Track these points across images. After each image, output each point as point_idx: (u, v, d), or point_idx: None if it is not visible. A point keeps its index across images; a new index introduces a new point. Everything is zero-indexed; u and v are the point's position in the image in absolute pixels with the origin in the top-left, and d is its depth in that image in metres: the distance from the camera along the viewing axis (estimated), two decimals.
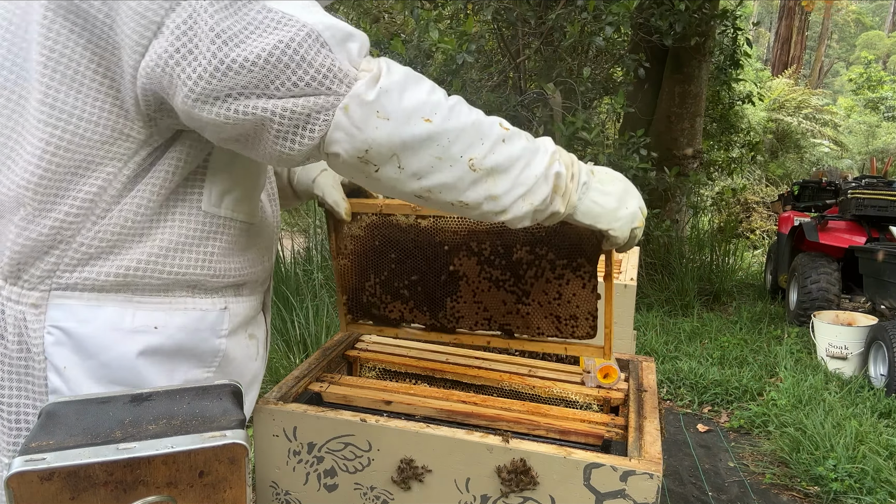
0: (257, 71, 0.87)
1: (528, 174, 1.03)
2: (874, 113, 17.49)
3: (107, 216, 1.00)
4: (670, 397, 4.07)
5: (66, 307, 1.01)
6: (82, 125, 0.96)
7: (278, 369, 3.64)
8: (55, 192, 0.97)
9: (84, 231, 0.99)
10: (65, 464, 0.77)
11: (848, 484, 2.94)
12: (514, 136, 1.03)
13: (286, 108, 0.89)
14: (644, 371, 1.54)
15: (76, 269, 1.00)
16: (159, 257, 1.03)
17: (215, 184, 1.07)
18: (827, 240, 5.37)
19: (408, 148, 0.95)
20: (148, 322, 1.03)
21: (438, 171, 0.98)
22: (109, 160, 0.98)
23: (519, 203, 1.04)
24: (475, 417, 1.30)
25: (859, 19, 31.73)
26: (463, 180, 1.00)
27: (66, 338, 1.01)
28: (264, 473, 1.28)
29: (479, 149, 0.99)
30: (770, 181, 12.41)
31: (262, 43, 0.87)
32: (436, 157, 0.97)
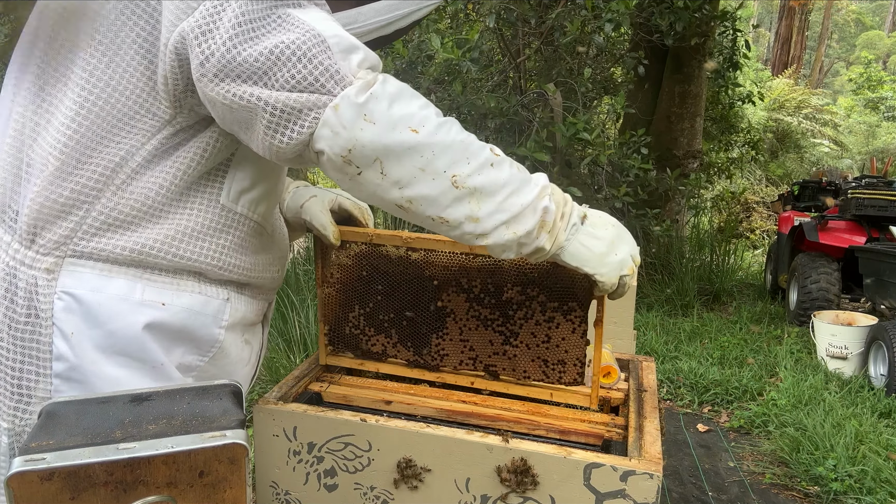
0: (262, 62, 0.93)
1: (514, 202, 1.04)
2: (874, 113, 17.49)
3: (127, 189, 1.03)
4: (670, 397, 4.07)
5: (79, 274, 1.03)
6: (115, 95, 1.01)
7: (278, 369, 3.64)
8: (78, 157, 1.01)
9: (104, 199, 1.03)
10: (65, 464, 0.77)
11: (848, 484, 2.94)
12: (504, 163, 1.05)
13: (279, 101, 0.94)
14: (644, 371, 1.54)
15: (92, 238, 1.03)
16: (173, 240, 1.06)
17: (236, 180, 1.12)
18: (827, 240, 5.37)
19: (391, 154, 0.97)
20: (156, 298, 1.06)
21: (421, 183, 1.00)
22: (133, 134, 1.02)
23: (501, 229, 1.04)
24: (475, 417, 1.30)
25: (859, 19, 31.73)
26: (445, 195, 1.01)
27: (77, 304, 1.03)
28: (264, 473, 1.28)
29: (463, 167, 1.01)
30: (770, 181, 12.41)
31: (272, 40, 0.94)
32: (419, 168, 0.99)
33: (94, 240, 1.03)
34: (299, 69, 0.94)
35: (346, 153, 0.97)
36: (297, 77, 0.94)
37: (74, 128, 1.01)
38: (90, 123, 1.01)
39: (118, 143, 1.02)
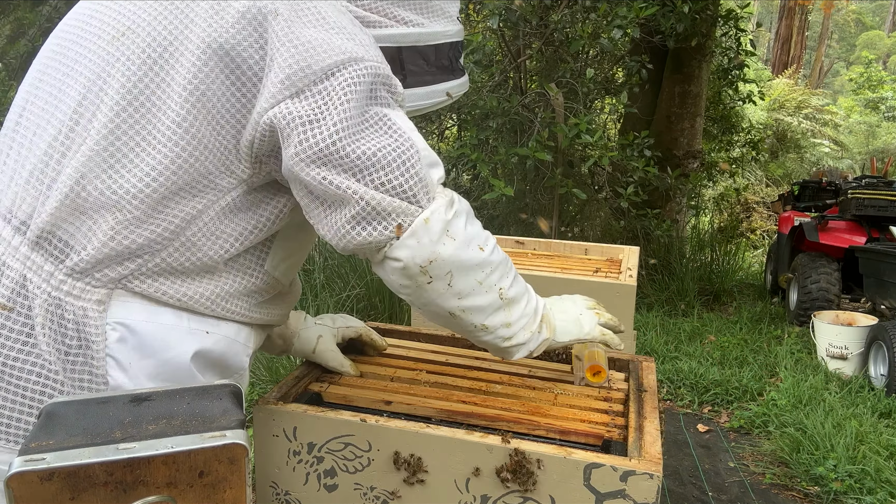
0: (364, 160, 1.00)
1: (530, 306, 1.23)
2: (874, 113, 17.48)
3: (193, 244, 1.06)
4: (670, 397, 4.07)
5: (129, 305, 1.05)
6: (205, 153, 1.04)
7: (278, 369, 3.64)
8: (155, 206, 1.02)
9: (170, 249, 1.05)
10: (65, 464, 0.77)
11: (848, 484, 2.94)
12: (517, 274, 1.21)
13: (372, 198, 1.01)
14: (644, 371, 1.54)
15: (146, 280, 1.06)
16: (218, 297, 1.11)
17: (281, 249, 1.19)
18: (827, 240, 5.37)
19: (462, 268, 1.09)
20: (200, 326, 1.10)
21: (477, 295, 1.12)
22: (211, 189, 1.06)
23: (523, 331, 1.21)
24: (475, 417, 1.30)
25: (859, 19, 31.72)
26: (492, 306, 1.15)
27: (130, 334, 1.04)
28: (264, 473, 1.28)
29: (506, 281, 1.16)
30: (770, 181, 12.41)
31: (376, 142, 1.01)
32: (478, 282, 1.11)
33: (147, 281, 1.06)
34: (396, 175, 1.01)
35: (426, 264, 1.05)
36: (393, 182, 1.01)
37: (160, 178, 1.02)
38: (175, 175, 1.02)
39: (196, 196, 1.05)
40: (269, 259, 1.18)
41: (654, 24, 5.13)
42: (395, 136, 1.03)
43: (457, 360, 1.58)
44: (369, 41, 1.08)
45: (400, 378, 1.47)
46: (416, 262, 1.04)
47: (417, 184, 1.03)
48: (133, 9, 1.07)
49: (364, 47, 1.05)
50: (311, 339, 1.48)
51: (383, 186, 1.01)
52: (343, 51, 1.02)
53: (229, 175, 1.07)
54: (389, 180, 1.01)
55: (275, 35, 1.02)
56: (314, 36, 1.02)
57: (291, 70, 1.00)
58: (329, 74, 1.01)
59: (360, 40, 1.06)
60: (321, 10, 1.05)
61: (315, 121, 1.00)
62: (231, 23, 1.03)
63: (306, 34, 1.02)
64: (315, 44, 1.01)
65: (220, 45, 1.02)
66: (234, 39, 1.02)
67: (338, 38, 1.03)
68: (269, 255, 1.18)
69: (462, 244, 1.07)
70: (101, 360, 1.03)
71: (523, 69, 5.76)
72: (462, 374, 1.50)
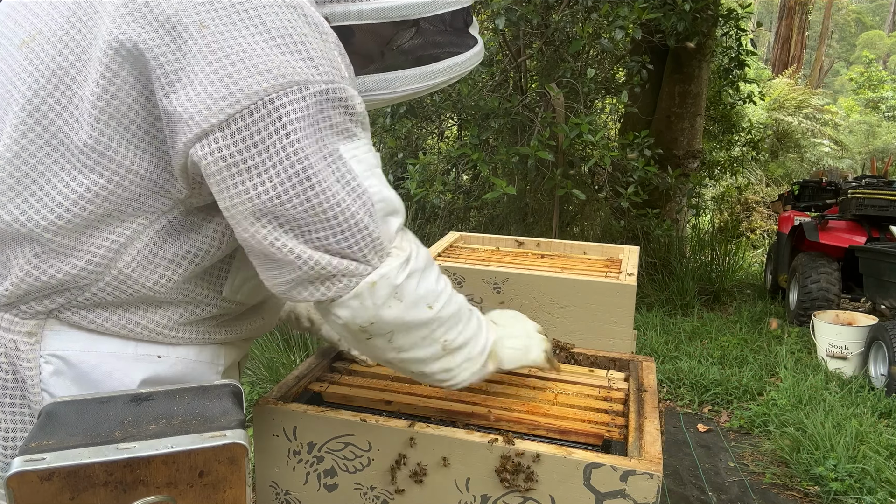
0: (309, 217, 0.88)
1: (476, 349, 1.15)
2: (874, 113, 17.47)
3: (129, 275, 0.95)
4: (670, 397, 4.07)
5: (65, 335, 0.96)
6: (129, 177, 0.91)
7: (278, 369, 3.63)
8: (79, 237, 0.92)
9: (103, 282, 0.95)
10: (64, 464, 0.77)
11: (848, 484, 2.94)
12: (470, 313, 1.14)
13: (317, 262, 0.91)
14: (644, 371, 1.54)
15: (82, 311, 0.96)
16: (169, 328, 1.02)
17: (241, 270, 1.06)
18: (827, 239, 5.36)
19: (405, 328, 1.02)
20: (150, 351, 1.01)
21: (418, 349, 1.06)
22: (143, 213, 0.94)
23: (464, 373, 1.15)
24: (475, 417, 1.30)
25: (859, 19, 31.71)
26: (433, 356, 1.09)
27: (66, 367, 0.96)
28: (264, 473, 1.28)
29: (453, 333, 1.09)
30: (770, 181, 12.40)
31: (323, 195, 0.88)
32: (421, 338, 1.05)
33: (82, 313, 0.96)
34: (345, 235, 0.91)
35: (367, 325, 0.98)
36: (341, 242, 0.91)
37: (76, 210, 0.90)
38: (93, 205, 0.90)
39: (123, 222, 0.93)
40: (227, 284, 1.05)
41: (655, 23, 5.13)
42: (345, 185, 0.90)
43: None
44: (321, 46, 0.90)
45: (400, 378, 1.47)
46: (356, 323, 0.98)
47: (369, 244, 0.93)
48: (48, 8, 0.93)
49: (312, 61, 0.88)
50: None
51: (330, 247, 0.91)
52: (283, 71, 0.85)
53: (162, 195, 0.93)
54: (337, 241, 0.91)
55: (196, 33, 0.85)
56: (247, 46, 0.85)
57: (216, 89, 0.83)
58: (265, 102, 0.84)
59: (308, 50, 0.88)
60: (260, 11, 0.88)
61: (250, 168, 0.85)
62: (142, 14, 0.86)
63: (237, 41, 0.85)
64: (247, 57, 0.84)
65: (128, 44, 0.86)
66: (146, 34, 0.85)
67: (277, 52, 0.86)
68: (228, 280, 1.05)
69: (409, 306, 0.99)
70: (37, 396, 0.95)
71: (524, 69, 5.76)
72: None
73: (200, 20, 0.85)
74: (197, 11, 0.85)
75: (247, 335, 1.15)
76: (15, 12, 0.97)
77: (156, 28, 0.85)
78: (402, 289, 0.98)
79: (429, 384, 1.21)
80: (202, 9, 0.86)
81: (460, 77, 1.20)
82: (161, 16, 0.86)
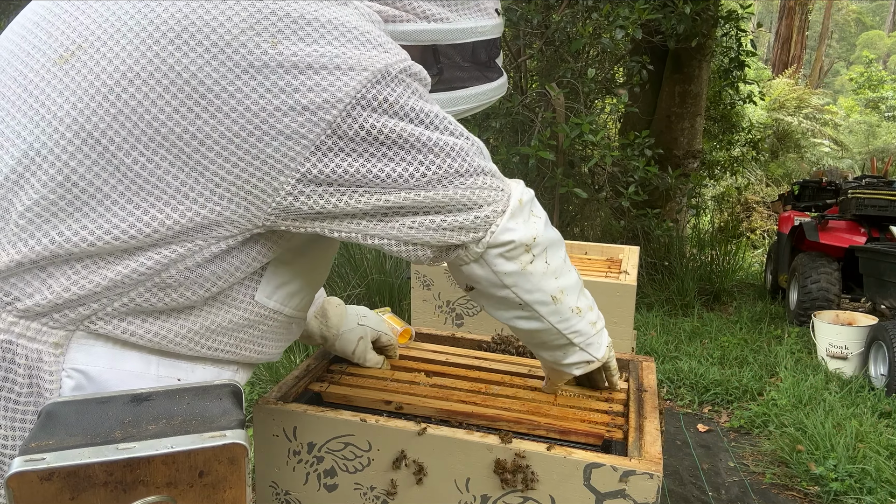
0: (450, 174, 0.97)
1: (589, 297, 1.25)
2: (874, 112, 17.48)
3: (167, 286, 0.92)
4: (670, 397, 4.07)
5: (90, 349, 0.94)
6: (194, 208, 0.89)
7: (278, 369, 3.63)
8: (132, 253, 0.90)
9: (139, 289, 0.92)
10: (64, 464, 0.77)
11: (848, 484, 2.94)
12: None
13: (468, 197, 0.99)
14: (644, 371, 1.54)
15: (112, 320, 0.93)
16: (198, 335, 0.99)
17: (276, 275, 1.04)
18: (827, 239, 5.37)
19: (551, 245, 1.10)
20: (171, 373, 0.99)
21: (566, 273, 1.14)
22: (204, 236, 0.91)
23: (600, 317, 1.26)
24: (475, 417, 1.30)
25: (859, 19, 31.71)
26: (577, 285, 1.17)
27: (88, 382, 0.94)
28: (264, 473, 1.28)
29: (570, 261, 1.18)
30: (770, 181, 12.40)
31: (448, 159, 0.96)
32: (563, 260, 1.13)
33: (113, 321, 0.93)
34: (481, 177, 0.99)
35: (531, 241, 1.06)
36: (476, 183, 0.99)
37: (138, 230, 0.87)
38: (162, 232, 0.88)
39: (184, 243, 0.90)
40: (260, 288, 1.02)
41: (655, 24, 5.13)
42: (458, 134, 0.98)
43: (457, 359, 1.58)
44: (380, 32, 0.95)
45: (400, 378, 1.47)
46: (523, 242, 1.04)
47: (496, 175, 1.03)
48: (97, 10, 0.89)
49: (383, 46, 0.93)
50: (352, 341, 1.48)
51: (473, 186, 0.99)
52: (366, 64, 0.89)
53: (230, 224, 0.92)
54: (474, 182, 0.99)
55: (277, 51, 0.86)
56: (325, 51, 0.88)
57: (308, 101, 0.86)
58: (360, 98, 0.88)
59: (376, 38, 0.93)
60: (318, 14, 0.89)
61: (377, 172, 0.91)
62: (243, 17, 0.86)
63: (308, 50, 0.87)
64: (330, 61, 0.88)
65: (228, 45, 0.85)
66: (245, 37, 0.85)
67: (352, 48, 0.89)
68: (262, 284, 1.02)
69: (545, 223, 1.09)
70: None
71: (524, 69, 5.76)
72: (462, 375, 1.50)
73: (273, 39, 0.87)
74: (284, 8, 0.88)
75: (260, 358, 1.11)
76: (51, 16, 0.92)
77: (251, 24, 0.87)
78: (535, 205, 1.09)
79: (577, 353, 1.24)
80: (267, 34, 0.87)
81: (481, 108, 1.22)
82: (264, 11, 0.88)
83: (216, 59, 0.85)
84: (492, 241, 1.03)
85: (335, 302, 1.48)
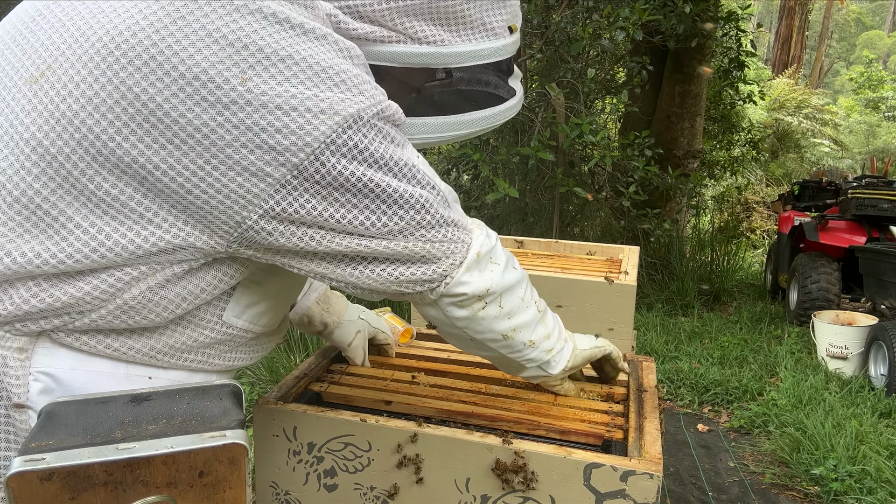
0: (410, 226, 0.96)
1: (551, 316, 1.23)
2: (874, 112, 17.48)
3: (131, 307, 0.92)
4: (670, 397, 4.07)
5: (55, 353, 0.93)
6: (157, 233, 0.88)
7: (278, 369, 3.63)
8: (93, 271, 0.89)
9: (103, 311, 0.91)
10: (64, 464, 0.77)
11: (848, 484, 2.94)
12: None
13: (424, 249, 0.98)
14: (644, 371, 1.54)
15: (77, 333, 0.93)
16: (163, 354, 0.99)
17: (245, 296, 1.03)
18: (827, 240, 5.36)
19: (508, 289, 1.09)
20: (141, 373, 0.98)
21: (522, 312, 1.12)
22: (167, 258, 0.91)
23: (558, 341, 1.24)
24: (475, 417, 1.30)
25: (859, 19, 31.71)
26: (534, 320, 1.16)
27: (56, 384, 0.93)
28: (264, 473, 1.28)
29: (534, 293, 1.17)
30: (770, 181, 12.40)
31: (404, 212, 0.95)
32: (520, 299, 1.12)
33: (74, 335, 0.93)
34: (440, 231, 0.99)
35: (484, 292, 1.05)
36: (435, 237, 0.99)
37: (100, 255, 0.87)
38: (126, 256, 0.88)
39: (146, 264, 0.90)
40: (228, 309, 1.01)
41: (655, 24, 5.14)
42: (423, 186, 0.95)
43: (458, 356, 1.57)
44: (356, 71, 0.90)
45: (400, 378, 1.47)
46: (475, 294, 1.04)
47: (458, 228, 1.02)
48: (69, 30, 0.86)
49: (357, 87, 0.89)
50: (350, 333, 1.49)
51: (434, 240, 0.99)
52: (337, 108, 0.86)
53: (195, 250, 0.91)
54: (433, 236, 0.98)
55: (241, 86, 0.83)
56: (297, 92, 0.85)
57: (275, 142, 0.84)
58: (330, 143, 0.86)
59: (351, 79, 0.88)
60: (292, 51, 0.85)
61: (338, 209, 0.90)
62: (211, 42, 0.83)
63: (279, 90, 0.84)
64: (301, 102, 0.85)
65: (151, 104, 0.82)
66: None
67: (325, 90, 0.86)
68: (230, 305, 1.01)
69: (504, 267, 1.08)
70: (23, 414, 0.91)
71: (524, 69, 5.76)
72: (463, 374, 1.50)
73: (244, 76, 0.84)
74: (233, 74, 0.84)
75: (234, 366, 1.10)
76: (33, 24, 0.91)
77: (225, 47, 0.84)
78: (495, 251, 1.08)
79: (534, 372, 1.24)
80: (237, 70, 0.84)
81: (492, 128, 1.18)
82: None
83: (183, 91, 0.82)
84: (445, 292, 1.03)
85: (337, 293, 1.49)
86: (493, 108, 1.12)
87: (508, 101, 1.14)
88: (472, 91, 1.09)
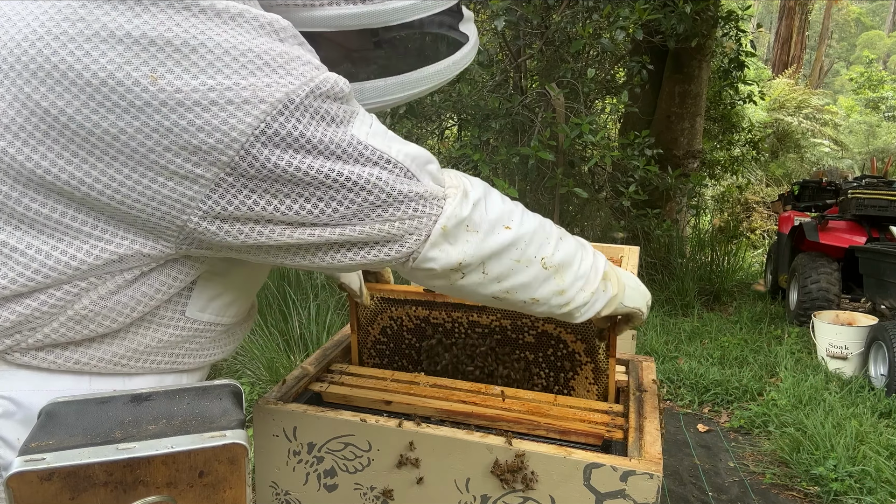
0: (363, 210, 0.87)
1: (585, 266, 1.09)
2: (874, 113, 17.48)
3: (84, 316, 0.88)
4: (670, 397, 4.07)
5: (12, 375, 0.89)
6: (100, 245, 0.85)
7: (278, 369, 3.63)
8: (35, 286, 0.84)
9: (55, 323, 0.87)
10: (64, 464, 0.77)
11: (848, 484, 2.94)
12: (564, 232, 1.10)
13: (380, 230, 0.90)
14: (644, 371, 1.54)
15: (30, 352, 0.89)
16: (128, 359, 0.94)
17: (207, 288, 0.98)
18: (827, 240, 5.37)
19: (493, 255, 0.98)
20: (105, 386, 0.94)
21: (517, 273, 1.01)
22: (116, 268, 0.87)
23: (581, 293, 1.09)
24: (475, 417, 1.30)
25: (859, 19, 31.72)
26: (538, 279, 1.03)
27: (16, 408, 0.89)
28: (264, 473, 1.28)
29: (547, 248, 1.04)
30: (770, 181, 12.40)
31: (364, 186, 0.86)
32: (515, 261, 1.00)
33: (31, 352, 0.88)
34: (399, 207, 0.89)
35: (456, 265, 0.96)
36: (395, 214, 0.90)
37: (44, 276, 0.83)
38: (70, 274, 0.84)
39: (91, 276, 0.86)
40: (191, 303, 0.96)
41: (655, 24, 5.14)
42: (375, 164, 0.87)
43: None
44: (282, 48, 0.83)
45: (400, 378, 1.47)
46: (445, 268, 0.96)
47: (422, 200, 0.91)
48: None
49: (283, 68, 0.81)
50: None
51: (392, 219, 0.90)
52: (263, 95, 0.79)
53: (143, 257, 0.87)
54: (393, 214, 0.90)
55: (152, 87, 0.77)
56: (214, 84, 0.78)
57: (199, 141, 0.78)
58: (260, 133, 0.79)
59: (275, 59, 0.81)
60: (204, 39, 0.78)
61: (283, 200, 0.83)
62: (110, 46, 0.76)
63: (195, 84, 0.78)
64: (220, 95, 0.78)
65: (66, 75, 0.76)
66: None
67: (243, 75, 0.79)
68: (192, 299, 0.96)
69: (487, 232, 0.97)
70: None
71: (524, 69, 5.76)
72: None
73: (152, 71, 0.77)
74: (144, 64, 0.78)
75: (207, 362, 1.06)
76: None
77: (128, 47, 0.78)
78: (472, 219, 0.96)
79: (559, 318, 1.13)
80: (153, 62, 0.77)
81: (450, 79, 1.10)
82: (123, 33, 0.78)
83: (93, 100, 0.76)
84: (415, 266, 0.96)
85: None
86: (447, 60, 1.05)
87: (462, 48, 1.07)
88: (421, 45, 1.02)
